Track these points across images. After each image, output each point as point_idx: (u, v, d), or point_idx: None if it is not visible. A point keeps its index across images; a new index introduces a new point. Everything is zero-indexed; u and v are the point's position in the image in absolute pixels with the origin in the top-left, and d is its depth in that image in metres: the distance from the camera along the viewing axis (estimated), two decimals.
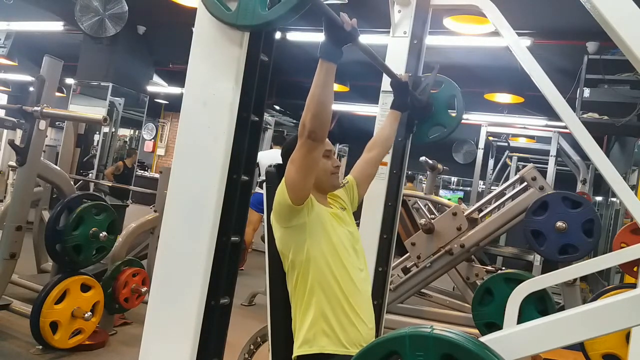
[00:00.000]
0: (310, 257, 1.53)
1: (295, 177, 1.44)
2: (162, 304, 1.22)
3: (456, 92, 2.24)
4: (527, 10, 4.46)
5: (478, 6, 2.16)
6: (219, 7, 1.09)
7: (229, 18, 1.09)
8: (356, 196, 1.84)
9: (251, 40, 1.23)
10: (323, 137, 1.42)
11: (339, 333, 1.50)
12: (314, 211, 1.54)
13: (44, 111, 3.10)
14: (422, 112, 2.10)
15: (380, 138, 1.95)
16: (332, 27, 1.34)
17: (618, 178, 1.59)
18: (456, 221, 3.73)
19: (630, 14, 0.94)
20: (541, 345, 0.98)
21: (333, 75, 1.39)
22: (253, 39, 1.23)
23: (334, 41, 1.36)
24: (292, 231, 1.54)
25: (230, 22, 1.09)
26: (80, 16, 6.00)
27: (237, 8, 1.07)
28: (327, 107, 1.38)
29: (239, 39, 1.18)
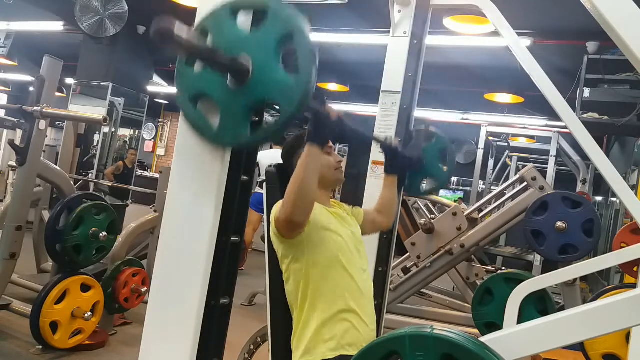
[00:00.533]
0: (309, 269, 1.53)
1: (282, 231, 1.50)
2: (162, 304, 1.22)
3: (447, 145, 2.25)
4: (527, 10, 4.46)
5: (478, 6, 2.16)
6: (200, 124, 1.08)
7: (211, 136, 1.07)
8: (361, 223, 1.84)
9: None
10: (304, 221, 1.45)
11: (340, 338, 1.50)
12: (311, 223, 1.53)
13: (44, 111, 3.10)
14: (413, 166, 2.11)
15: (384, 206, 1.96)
16: (319, 120, 1.38)
17: (618, 178, 1.59)
18: (456, 221, 3.73)
19: (630, 14, 0.94)
20: (541, 345, 0.98)
21: (320, 159, 1.43)
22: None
23: (321, 127, 1.39)
24: (290, 247, 1.55)
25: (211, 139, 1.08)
26: (80, 16, 6.00)
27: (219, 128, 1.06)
28: (311, 190, 1.40)
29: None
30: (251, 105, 1.03)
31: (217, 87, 1.04)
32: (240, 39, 1.03)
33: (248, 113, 1.04)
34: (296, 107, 0.98)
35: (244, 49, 1.02)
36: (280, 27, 1.00)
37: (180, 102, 1.09)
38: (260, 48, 1.01)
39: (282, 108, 0.99)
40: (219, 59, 1.00)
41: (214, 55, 1.00)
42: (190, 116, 1.08)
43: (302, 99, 0.98)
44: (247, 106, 1.03)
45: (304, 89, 0.98)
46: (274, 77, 1.00)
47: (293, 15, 0.99)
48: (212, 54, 1.00)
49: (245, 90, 1.02)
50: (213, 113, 1.08)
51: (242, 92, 1.02)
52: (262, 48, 1.01)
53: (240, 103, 1.03)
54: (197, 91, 1.08)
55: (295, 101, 0.98)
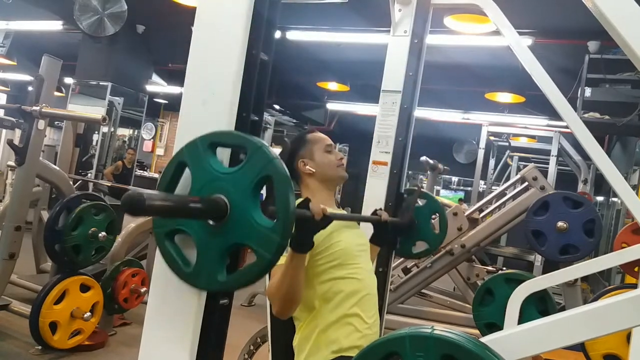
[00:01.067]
0: (313, 273, 1.52)
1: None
2: (161, 305, 1.21)
3: (439, 209, 2.23)
4: (528, 9, 4.45)
5: (479, 5, 2.15)
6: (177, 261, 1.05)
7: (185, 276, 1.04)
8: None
9: (251, 38, 1.22)
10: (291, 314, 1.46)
11: (342, 340, 1.50)
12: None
13: (43, 111, 3.10)
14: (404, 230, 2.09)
15: None
16: (303, 226, 1.31)
17: (619, 178, 1.58)
18: (457, 221, 3.73)
19: (631, 13, 0.93)
20: (542, 346, 0.97)
21: (304, 265, 1.40)
22: (252, 35, 1.22)
23: (306, 232, 1.33)
24: None
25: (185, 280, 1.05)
26: (79, 15, 5.99)
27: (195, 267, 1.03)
28: (296, 295, 1.40)
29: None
30: (228, 246, 1.01)
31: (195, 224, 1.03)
32: (218, 176, 1.02)
33: (225, 254, 1.01)
34: (273, 255, 0.96)
35: (221, 188, 1.00)
36: (258, 169, 0.98)
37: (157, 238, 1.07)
38: (237, 188, 1.00)
39: (259, 254, 0.97)
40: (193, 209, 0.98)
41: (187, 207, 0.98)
42: (167, 252, 1.06)
43: (280, 247, 0.95)
44: (225, 247, 1.01)
45: (281, 236, 0.95)
46: (250, 220, 0.98)
47: (272, 157, 0.97)
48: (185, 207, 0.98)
49: (223, 230, 1.00)
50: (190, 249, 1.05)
51: (219, 232, 1.00)
52: (240, 188, 0.99)
53: (217, 243, 1.01)
54: (173, 227, 1.06)
55: (273, 249, 0.95)
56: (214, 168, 1.03)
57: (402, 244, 2.18)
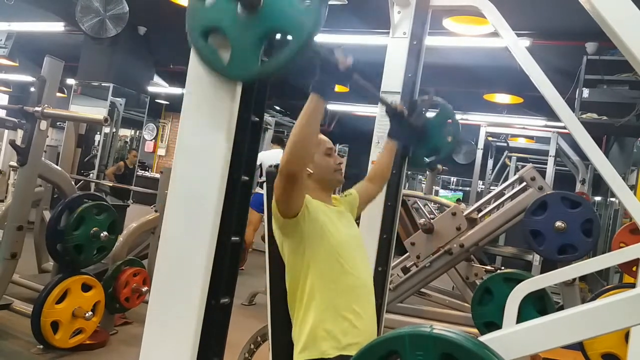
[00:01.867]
0: (309, 263, 1.54)
1: (280, 198, 1.48)
2: (162, 304, 1.22)
3: (452, 116, 2.24)
4: (526, 10, 4.46)
5: (477, 7, 2.17)
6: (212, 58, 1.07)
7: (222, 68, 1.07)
8: (355, 211, 1.85)
9: None
10: (299, 172, 1.44)
11: (340, 336, 1.51)
12: (311, 217, 1.54)
13: (45, 111, 3.11)
14: (417, 136, 2.10)
15: (379, 170, 1.97)
16: (327, 66, 1.34)
17: (617, 178, 1.60)
18: (455, 221, 3.73)
19: (629, 14, 0.94)
20: (540, 345, 0.98)
21: (322, 111, 1.40)
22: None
23: (328, 80, 1.36)
24: (291, 238, 1.56)
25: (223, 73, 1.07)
26: (81, 17, 6.00)
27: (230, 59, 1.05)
28: (309, 140, 1.40)
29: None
30: (261, 35, 1.02)
31: (228, 17, 1.04)
32: None
33: (259, 43, 1.03)
34: (306, 36, 0.97)
35: None
36: None
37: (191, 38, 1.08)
38: None
39: (293, 36, 0.99)
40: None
41: None
42: (202, 50, 1.08)
43: (313, 28, 0.97)
44: (258, 36, 1.02)
45: (314, 18, 0.97)
46: (284, 5, 0.99)
47: None
48: None
49: (256, 19, 1.01)
50: (224, 47, 1.07)
51: (252, 22, 1.01)
52: None
53: (250, 33, 1.02)
54: (207, 24, 1.07)
55: (307, 29, 0.97)
56: None
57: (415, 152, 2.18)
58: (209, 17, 1.07)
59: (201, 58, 1.09)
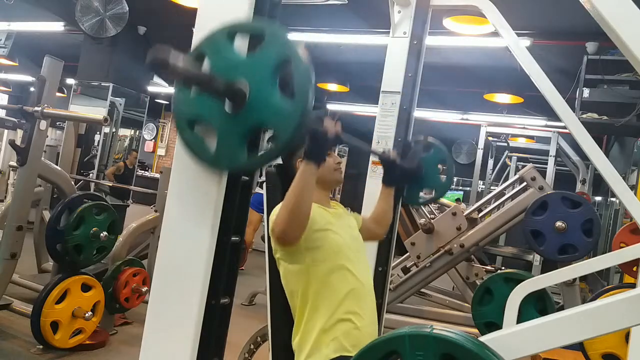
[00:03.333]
0: (309, 272, 1.54)
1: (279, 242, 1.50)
2: (162, 304, 1.22)
3: (446, 156, 2.25)
4: (526, 10, 4.46)
5: (478, 6, 2.16)
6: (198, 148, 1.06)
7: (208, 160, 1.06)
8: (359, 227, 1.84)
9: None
10: (297, 238, 1.45)
11: (341, 338, 1.51)
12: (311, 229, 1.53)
13: (45, 111, 3.11)
14: (412, 176, 2.12)
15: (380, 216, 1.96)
16: (317, 136, 1.36)
17: (617, 178, 1.59)
18: (456, 221, 3.73)
19: (629, 14, 0.94)
20: (541, 345, 0.98)
21: (315, 176, 1.42)
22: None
23: (319, 148, 1.38)
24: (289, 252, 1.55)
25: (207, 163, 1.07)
26: (81, 16, 6.00)
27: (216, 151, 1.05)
28: (305, 208, 1.41)
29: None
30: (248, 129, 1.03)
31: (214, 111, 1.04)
32: (237, 63, 1.03)
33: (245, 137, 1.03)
34: (292, 133, 0.97)
35: (240, 73, 1.01)
36: (277, 52, 1.00)
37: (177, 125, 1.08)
38: (256, 73, 1.01)
39: (279, 134, 0.99)
40: (215, 85, 0.99)
41: (209, 81, 1.00)
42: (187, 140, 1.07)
43: (298, 125, 0.97)
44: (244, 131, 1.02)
45: (300, 115, 0.97)
46: (270, 102, 0.99)
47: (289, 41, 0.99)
48: (208, 81, 1.00)
49: (242, 114, 1.01)
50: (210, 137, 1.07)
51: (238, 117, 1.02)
52: (259, 73, 1.01)
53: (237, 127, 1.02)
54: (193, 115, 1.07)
55: (292, 127, 0.97)
56: (233, 56, 1.04)
57: (409, 192, 2.20)
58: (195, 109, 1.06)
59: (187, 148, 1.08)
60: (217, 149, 1.05)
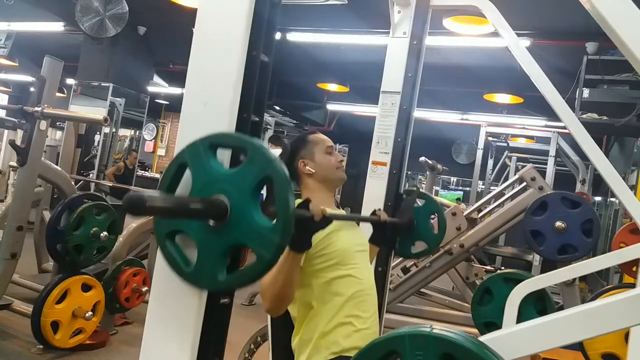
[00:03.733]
0: (311, 272, 1.53)
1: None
2: (162, 304, 1.22)
3: (438, 210, 2.24)
4: (526, 10, 4.47)
5: (477, 6, 2.16)
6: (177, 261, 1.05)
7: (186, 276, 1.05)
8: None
9: (251, 39, 1.23)
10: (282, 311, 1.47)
11: (341, 340, 1.51)
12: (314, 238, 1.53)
13: (45, 111, 3.11)
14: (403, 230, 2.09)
15: None
16: (303, 224, 1.32)
17: (617, 178, 1.59)
18: (455, 221, 3.73)
19: (629, 14, 0.94)
20: (540, 345, 0.98)
21: (299, 265, 1.41)
22: (253, 37, 1.23)
23: (305, 232, 1.34)
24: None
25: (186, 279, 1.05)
26: (81, 17, 6.00)
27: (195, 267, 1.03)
28: (287, 294, 1.41)
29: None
30: (229, 246, 1.02)
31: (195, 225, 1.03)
32: (218, 177, 1.02)
33: (225, 254, 1.02)
34: (273, 254, 0.96)
35: (221, 188, 1.01)
36: (258, 169, 0.99)
37: (157, 239, 1.08)
38: (238, 188, 1.00)
39: (259, 254, 0.97)
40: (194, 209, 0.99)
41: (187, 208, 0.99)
42: (168, 252, 1.06)
43: (280, 247, 0.96)
44: (225, 247, 1.01)
45: (281, 236, 0.95)
46: (251, 220, 0.98)
47: (271, 158, 0.98)
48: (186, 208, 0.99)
49: (223, 230, 1.00)
50: (190, 249, 1.06)
51: (220, 232, 1.01)
52: (240, 189, 1.00)
53: (218, 243, 1.01)
54: (174, 229, 1.06)
55: (273, 249, 0.96)
56: (215, 169, 1.03)
57: (401, 244, 2.18)
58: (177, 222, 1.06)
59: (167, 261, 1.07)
60: (197, 265, 1.04)
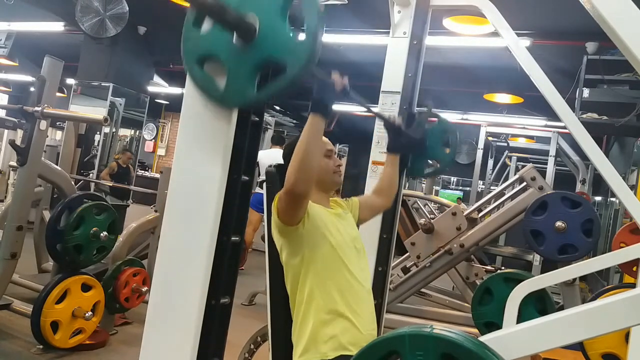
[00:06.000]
0: (308, 266, 1.54)
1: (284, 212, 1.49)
2: (162, 304, 1.22)
3: (450, 128, 2.25)
4: (526, 10, 4.47)
5: (477, 6, 2.17)
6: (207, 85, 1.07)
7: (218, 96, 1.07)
8: (357, 215, 1.85)
9: None
10: (306, 192, 1.44)
11: (340, 336, 1.51)
12: (311, 222, 1.54)
13: (45, 111, 3.11)
14: (416, 148, 2.10)
15: (385, 185, 1.95)
16: (325, 87, 1.37)
17: (617, 178, 1.59)
18: (456, 221, 3.73)
19: (629, 14, 0.94)
20: (540, 345, 0.98)
21: (322, 130, 1.42)
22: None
23: (326, 100, 1.38)
24: (289, 241, 1.56)
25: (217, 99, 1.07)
26: (81, 16, 6.00)
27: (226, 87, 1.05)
28: (313, 160, 1.40)
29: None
30: (257, 63, 1.03)
31: (224, 46, 1.05)
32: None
33: (254, 72, 1.04)
34: (302, 66, 0.98)
35: (250, 7, 1.02)
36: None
37: (187, 65, 1.09)
38: (266, 7, 1.01)
39: (288, 67, 0.99)
40: (227, 16, 1.00)
41: (222, 12, 1.00)
42: (197, 78, 1.08)
43: (308, 59, 0.98)
44: (254, 65, 1.03)
45: (310, 48, 0.98)
46: (280, 35, 1.00)
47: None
48: (221, 11, 1.00)
49: (252, 49, 1.02)
50: (220, 74, 1.08)
51: (248, 51, 1.02)
52: (269, 7, 1.01)
53: (246, 62, 1.03)
54: (203, 52, 1.08)
55: (301, 60, 0.98)
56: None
57: (413, 164, 2.19)
58: (205, 45, 1.07)
59: (197, 85, 1.08)
60: (227, 84, 1.05)
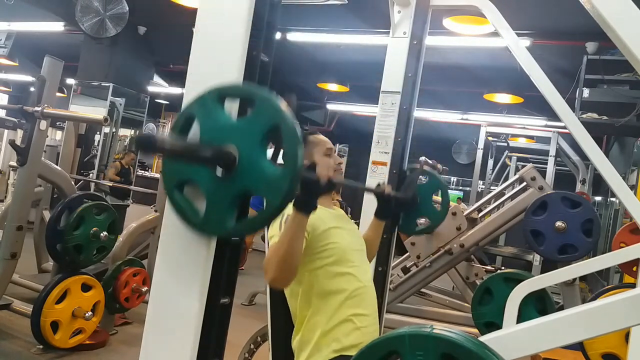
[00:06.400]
0: (312, 273, 1.54)
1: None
2: (162, 304, 1.22)
3: (441, 185, 2.25)
4: (526, 10, 4.47)
5: (477, 6, 2.16)
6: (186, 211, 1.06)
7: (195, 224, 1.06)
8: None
9: (251, 39, 1.23)
10: (286, 284, 1.44)
11: (342, 338, 1.51)
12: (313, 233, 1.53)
13: (45, 111, 3.11)
14: (407, 206, 2.11)
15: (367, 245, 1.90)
16: (309, 188, 1.33)
17: (617, 178, 1.59)
18: (456, 221, 3.73)
19: (629, 14, 0.94)
20: (540, 345, 0.98)
21: (305, 227, 1.40)
22: (253, 37, 1.23)
23: (310, 194, 1.34)
24: None
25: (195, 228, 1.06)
26: (81, 17, 6.01)
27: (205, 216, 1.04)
28: (294, 258, 1.38)
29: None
30: (237, 194, 1.02)
31: (204, 174, 1.03)
32: (227, 127, 1.02)
33: (234, 202, 1.03)
34: (282, 200, 0.97)
35: (230, 138, 1.01)
36: (267, 118, 0.99)
37: (166, 188, 1.08)
38: (246, 138, 1.00)
39: (268, 200, 0.99)
40: (203, 154, 0.99)
41: (197, 152, 0.99)
42: (176, 202, 1.07)
43: (288, 193, 0.97)
44: (233, 195, 1.02)
45: (289, 182, 0.96)
46: (259, 168, 0.99)
47: (279, 107, 0.99)
48: (195, 152, 1.00)
49: (232, 179, 1.01)
50: (199, 200, 1.07)
51: (228, 181, 1.01)
52: (249, 138, 1.00)
53: (226, 192, 1.02)
54: (183, 178, 1.07)
55: (281, 194, 0.97)
56: (222, 120, 1.03)
57: (405, 221, 2.19)
58: (184, 173, 1.06)
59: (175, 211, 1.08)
60: (206, 213, 1.04)
